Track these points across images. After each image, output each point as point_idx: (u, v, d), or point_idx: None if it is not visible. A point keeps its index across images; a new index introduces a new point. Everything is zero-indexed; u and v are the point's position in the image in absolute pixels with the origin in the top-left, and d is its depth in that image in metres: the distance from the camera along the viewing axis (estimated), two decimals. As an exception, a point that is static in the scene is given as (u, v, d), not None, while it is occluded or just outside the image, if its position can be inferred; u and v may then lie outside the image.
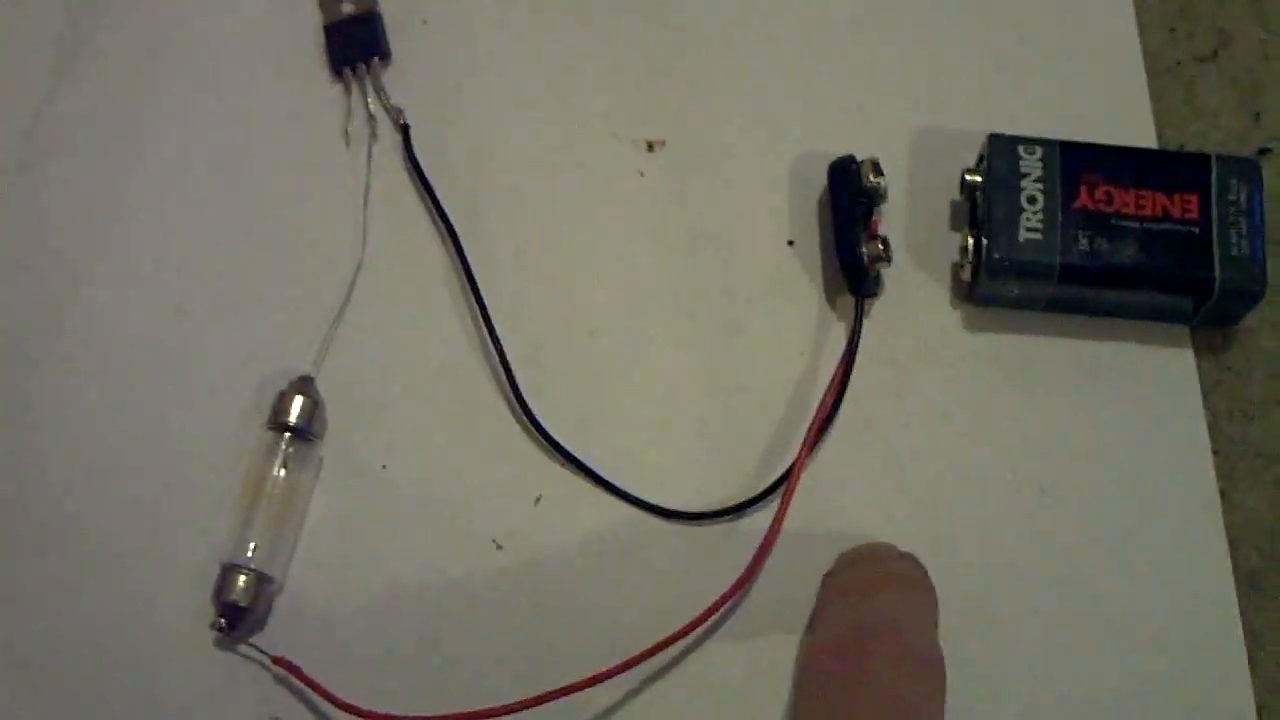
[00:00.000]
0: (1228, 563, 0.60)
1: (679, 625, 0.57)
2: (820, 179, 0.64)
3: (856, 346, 0.61)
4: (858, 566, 0.43)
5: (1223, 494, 0.61)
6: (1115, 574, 0.60)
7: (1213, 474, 0.61)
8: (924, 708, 0.36)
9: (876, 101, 0.67)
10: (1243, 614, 0.59)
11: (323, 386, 0.61)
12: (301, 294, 0.63)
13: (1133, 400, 0.62)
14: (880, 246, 0.61)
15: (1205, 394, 0.62)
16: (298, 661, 0.58)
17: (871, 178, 0.62)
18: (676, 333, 0.63)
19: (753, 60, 0.67)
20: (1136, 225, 0.60)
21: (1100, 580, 0.60)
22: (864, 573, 0.42)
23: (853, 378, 0.61)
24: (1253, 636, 0.59)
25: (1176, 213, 0.61)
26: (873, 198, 0.62)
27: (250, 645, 0.59)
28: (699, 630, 0.57)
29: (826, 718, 0.36)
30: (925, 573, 0.43)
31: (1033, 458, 0.61)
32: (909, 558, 0.45)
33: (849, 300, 0.62)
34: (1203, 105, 0.67)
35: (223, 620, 0.58)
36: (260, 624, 0.59)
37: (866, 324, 0.62)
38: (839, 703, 0.36)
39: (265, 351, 0.63)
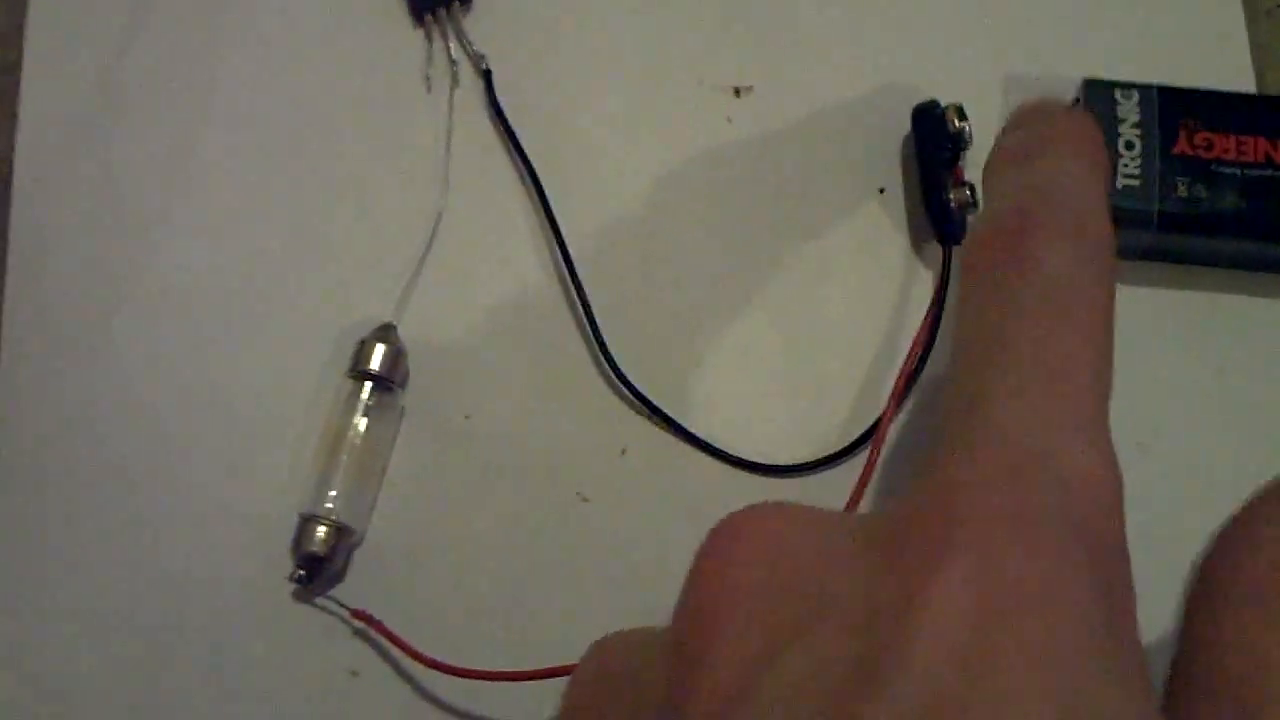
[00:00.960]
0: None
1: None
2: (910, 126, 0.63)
3: (945, 296, 0.60)
4: (1022, 127, 0.40)
5: (1334, 447, 0.59)
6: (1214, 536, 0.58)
7: (1321, 432, 0.60)
8: (1087, 292, 0.33)
9: (969, 45, 0.65)
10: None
11: (405, 335, 0.61)
12: (383, 241, 0.63)
13: (1236, 353, 0.61)
14: (967, 193, 0.60)
15: (1311, 348, 0.61)
16: (378, 616, 0.57)
17: (956, 122, 0.61)
18: (762, 283, 0.62)
19: (841, 4, 0.66)
20: (1237, 172, 0.59)
21: (1201, 540, 0.58)
22: (1026, 135, 0.39)
23: (943, 329, 0.60)
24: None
25: (1280, 159, 0.59)
26: (958, 143, 0.61)
27: (329, 598, 0.58)
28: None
29: (979, 312, 0.33)
30: (1095, 130, 0.39)
31: (1132, 412, 0.60)
32: (1075, 114, 0.41)
33: (938, 250, 0.61)
34: (1304, 49, 0.65)
35: (301, 572, 0.57)
36: (339, 576, 0.59)
37: (956, 274, 0.61)
38: (993, 293, 0.33)
39: (346, 300, 0.62)
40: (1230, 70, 0.65)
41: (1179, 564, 0.57)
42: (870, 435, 0.59)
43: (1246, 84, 0.64)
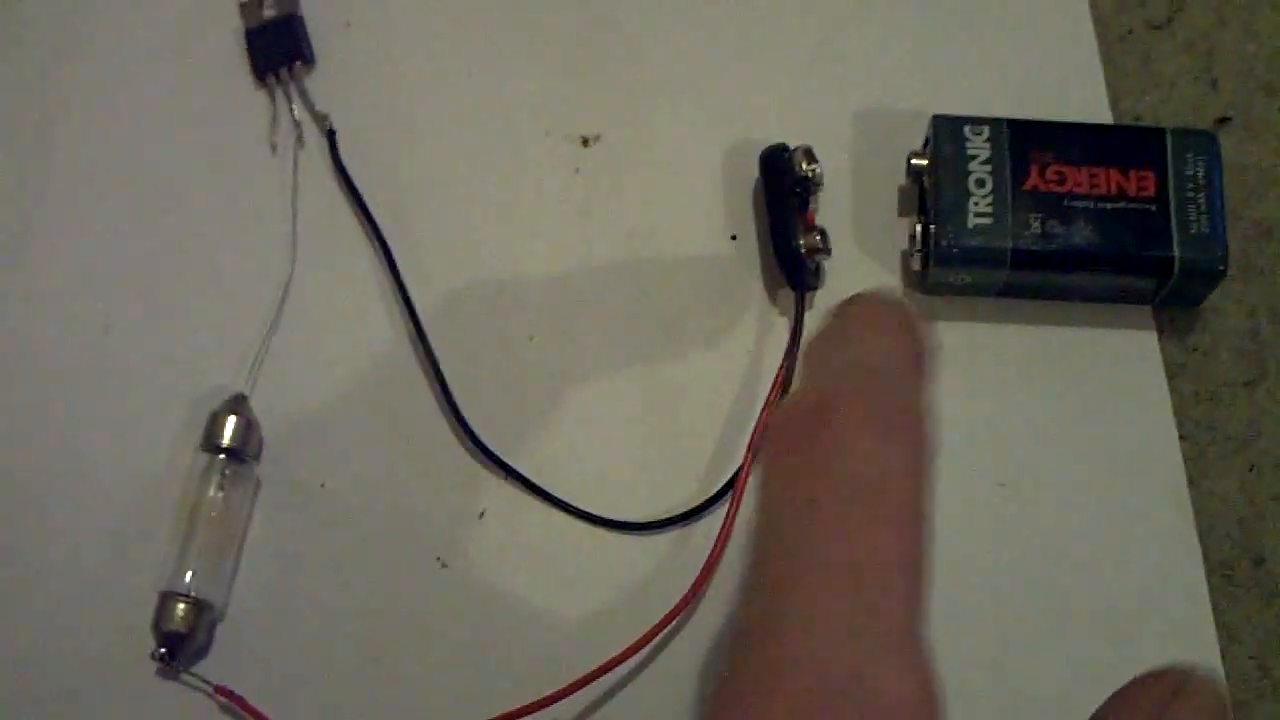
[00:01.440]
0: (1198, 552, 0.58)
1: (631, 639, 0.55)
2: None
3: (799, 342, 0.59)
4: (846, 312, 0.38)
5: (1191, 480, 0.59)
6: (1081, 567, 0.58)
7: (1180, 460, 0.59)
8: (897, 485, 0.31)
9: (817, 86, 0.65)
10: (1214, 606, 0.57)
11: (256, 404, 0.60)
12: (231, 309, 0.62)
13: (1094, 386, 0.60)
14: (818, 237, 0.59)
15: (1170, 377, 0.60)
16: (240, 691, 0.56)
17: (805, 165, 0.60)
18: (616, 336, 0.61)
19: (687, 50, 0.65)
20: (1090, 205, 0.58)
21: (1065, 574, 0.58)
22: (848, 319, 0.37)
23: (796, 378, 0.59)
24: (1225, 629, 0.57)
25: (1132, 190, 0.59)
26: (808, 186, 0.60)
27: (192, 674, 0.57)
28: (651, 644, 0.56)
29: (780, 506, 0.31)
30: (920, 320, 0.38)
31: (991, 450, 0.59)
32: (899, 304, 0.40)
33: (791, 295, 0.60)
34: (1158, 74, 0.64)
35: (163, 650, 0.56)
36: (202, 652, 0.58)
37: (814, 318, 0.60)
38: (795, 484, 0.31)
39: (197, 368, 0.61)
40: (1085, 99, 0.64)
41: (1044, 598, 0.57)
42: (730, 488, 0.58)
43: (1102, 111, 0.64)
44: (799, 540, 0.30)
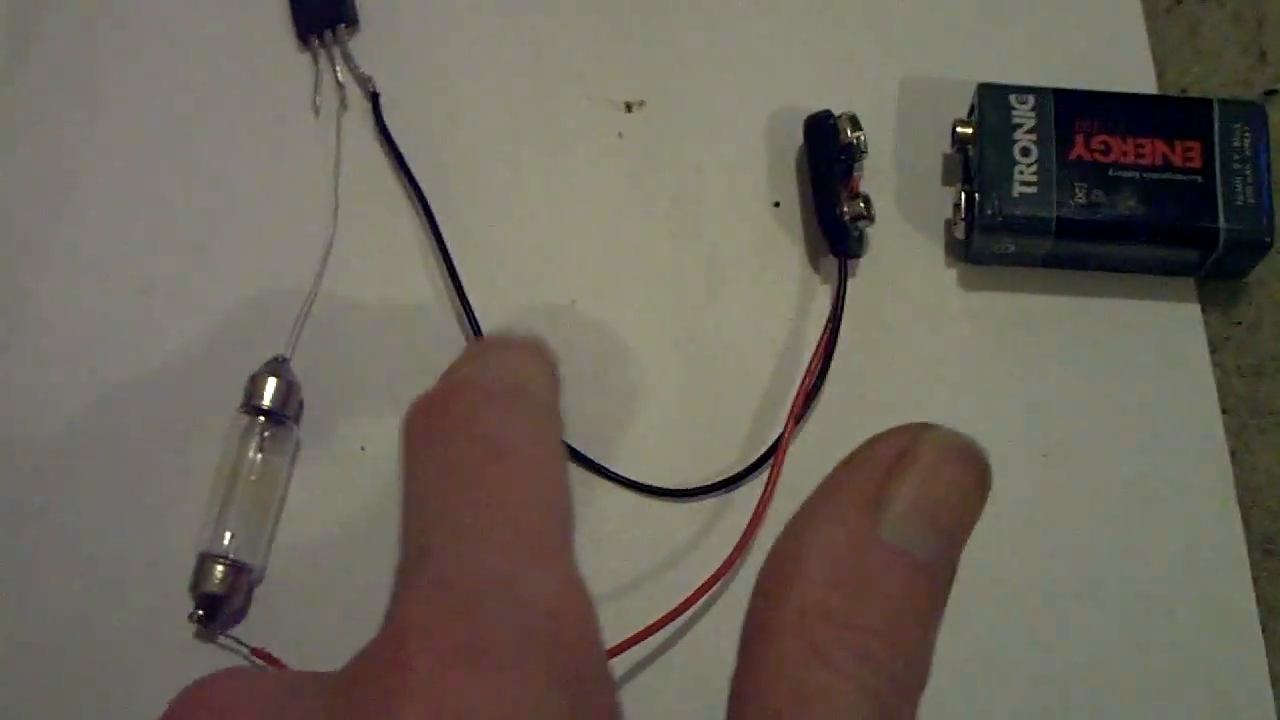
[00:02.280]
0: (1239, 526, 0.58)
1: (672, 605, 0.55)
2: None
3: (842, 310, 0.59)
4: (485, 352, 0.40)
5: (1233, 454, 0.59)
6: (1122, 540, 0.58)
7: (1222, 433, 0.59)
8: (526, 439, 0.32)
9: (863, 53, 0.64)
10: (1256, 580, 0.57)
11: (297, 367, 0.60)
12: (273, 271, 0.62)
13: (1137, 358, 0.60)
14: (861, 204, 0.59)
15: (1213, 350, 0.60)
16: (278, 654, 0.56)
17: (849, 132, 0.60)
18: (658, 301, 0.61)
19: (732, 16, 0.65)
20: (1136, 175, 0.58)
21: (1106, 547, 0.58)
22: (484, 350, 0.39)
23: (842, 343, 0.59)
24: (1266, 604, 0.57)
25: (1178, 161, 0.58)
26: (852, 154, 0.60)
27: (229, 637, 0.57)
28: (692, 610, 0.56)
29: (420, 474, 0.32)
30: (546, 349, 0.39)
31: (1034, 421, 0.59)
32: (531, 341, 0.41)
33: (834, 262, 0.60)
34: (1205, 46, 0.64)
35: (200, 612, 0.56)
36: (240, 615, 0.58)
37: (856, 287, 0.60)
38: (430, 452, 0.32)
39: (236, 332, 0.61)
40: (1131, 70, 0.64)
41: (1084, 570, 0.57)
42: (770, 455, 0.58)
43: (1147, 83, 0.63)
44: (443, 488, 0.31)
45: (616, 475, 0.59)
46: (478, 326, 0.60)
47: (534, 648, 0.27)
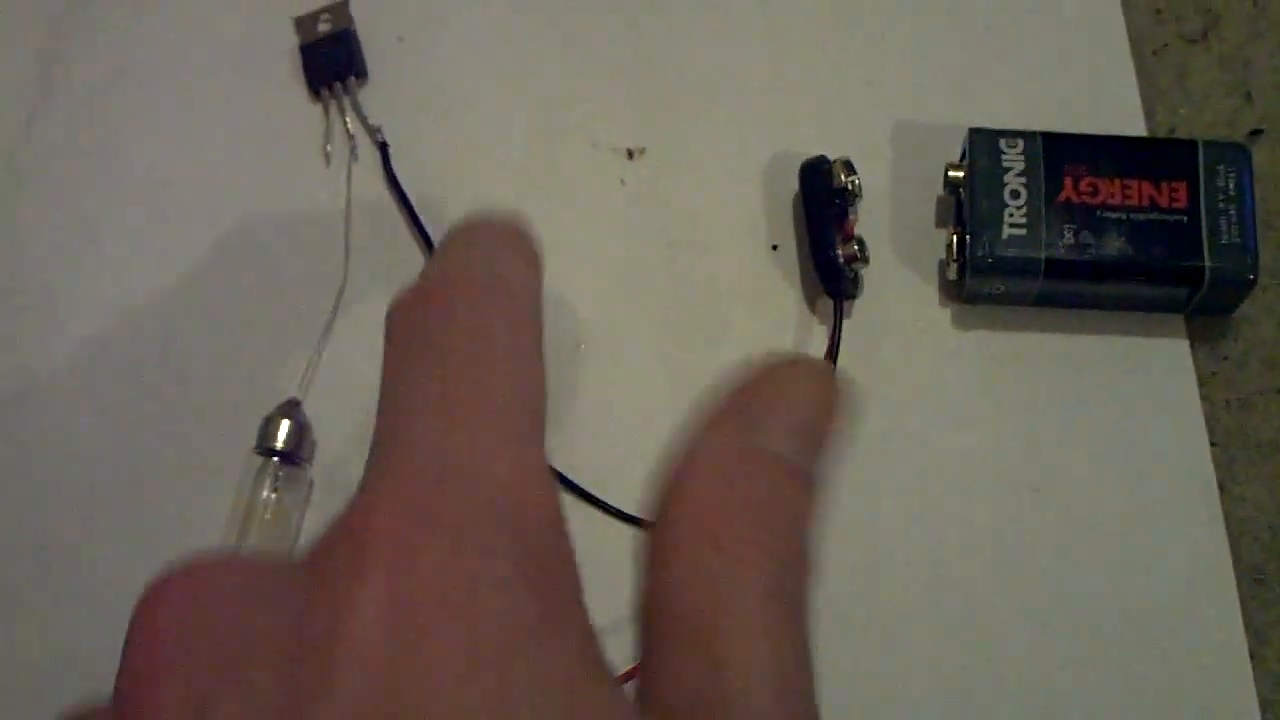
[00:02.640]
0: (1228, 557, 0.59)
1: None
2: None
3: (838, 349, 0.60)
4: (447, 236, 0.42)
5: (1221, 486, 0.60)
6: (1112, 571, 0.59)
7: (1211, 465, 0.60)
8: (501, 333, 0.33)
9: (857, 99, 0.66)
10: (1244, 609, 0.58)
11: (310, 409, 0.61)
12: (287, 315, 0.63)
13: (1127, 393, 0.61)
14: (856, 247, 0.60)
15: (1201, 384, 0.61)
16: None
17: (844, 177, 0.61)
18: (661, 343, 0.62)
19: (731, 64, 0.67)
20: (1123, 216, 0.59)
21: (1097, 578, 0.59)
22: (464, 231, 0.41)
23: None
24: (1255, 633, 0.58)
25: (1164, 202, 0.60)
26: (847, 198, 0.61)
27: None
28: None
29: (395, 366, 0.34)
30: (526, 227, 0.41)
31: (1025, 455, 0.60)
32: (511, 220, 0.43)
33: (830, 304, 0.61)
34: (1192, 87, 0.66)
35: (217, 649, 0.57)
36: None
37: (852, 326, 0.61)
38: (407, 345, 0.34)
39: (251, 375, 0.62)
40: (1120, 112, 0.65)
41: (1075, 600, 0.58)
42: (768, 492, 0.59)
43: (1136, 125, 0.65)
44: (416, 378, 0.33)
45: (620, 511, 0.60)
46: (485, 369, 0.61)
47: (493, 522, 0.28)
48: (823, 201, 0.61)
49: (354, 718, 0.26)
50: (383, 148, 0.65)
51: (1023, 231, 0.59)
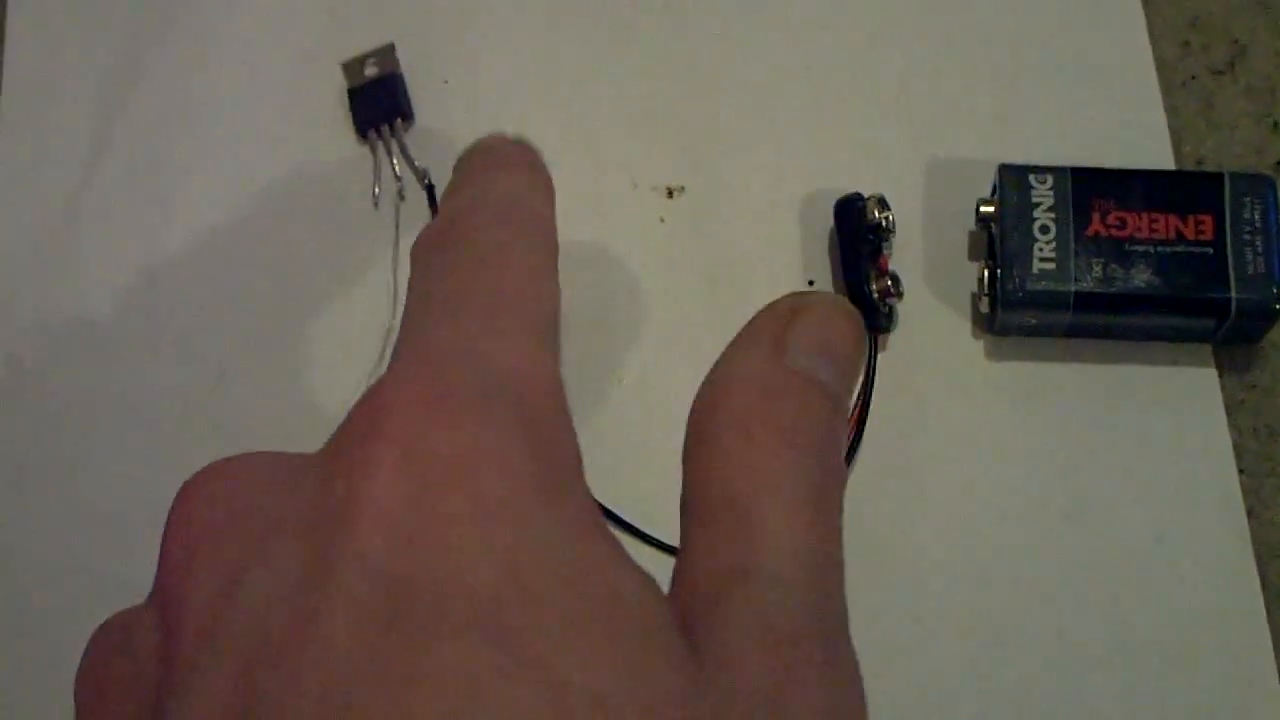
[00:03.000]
0: (1256, 583, 0.60)
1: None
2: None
3: (873, 382, 0.62)
4: (476, 154, 0.46)
5: (1250, 512, 0.61)
6: (1141, 597, 0.60)
7: (1239, 492, 0.61)
8: (516, 250, 0.38)
9: (890, 137, 0.67)
10: (1273, 634, 0.59)
11: (361, 446, 0.62)
12: (336, 355, 0.65)
13: (1156, 421, 0.62)
14: (890, 282, 0.62)
15: (1229, 412, 0.62)
16: None
17: (877, 213, 0.63)
18: (700, 377, 0.63)
19: (767, 104, 0.68)
20: (1150, 249, 0.61)
21: (1126, 603, 0.60)
22: (479, 158, 0.46)
23: (873, 413, 0.62)
24: (1283, 656, 0.59)
25: (1190, 234, 0.61)
26: (880, 233, 0.63)
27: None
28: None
29: (419, 282, 0.38)
30: (535, 153, 0.46)
31: (1056, 483, 0.62)
32: (520, 143, 0.47)
33: (865, 338, 0.63)
34: (1220, 119, 0.67)
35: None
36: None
37: (886, 359, 0.63)
38: (430, 263, 0.38)
39: (301, 416, 0.64)
40: (1149, 144, 0.66)
41: (1105, 626, 0.59)
42: (807, 523, 0.60)
43: (1165, 156, 0.66)
44: (435, 286, 0.36)
45: (661, 543, 0.61)
46: (530, 404, 0.62)
47: (498, 400, 0.31)
48: (857, 237, 0.63)
49: (375, 574, 0.28)
50: (429, 189, 0.67)
51: (1052, 265, 0.61)
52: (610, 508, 0.61)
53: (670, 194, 0.67)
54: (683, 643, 0.30)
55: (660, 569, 0.59)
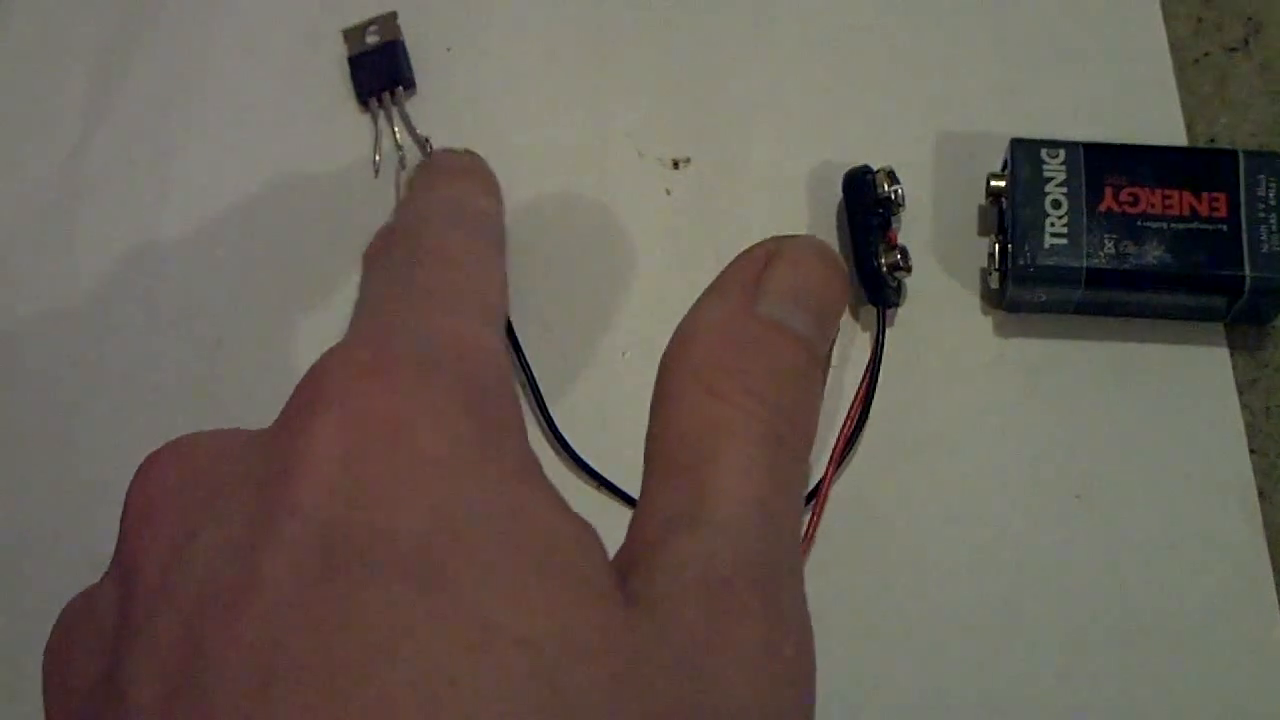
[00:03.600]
0: (1268, 564, 0.59)
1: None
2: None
3: (880, 358, 0.61)
4: (419, 169, 0.49)
5: (1261, 493, 0.60)
6: (1151, 578, 0.59)
7: (1251, 473, 0.60)
8: (462, 245, 0.40)
9: (900, 109, 0.67)
10: (1283, 616, 0.59)
11: (359, 416, 0.62)
12: (336, 325, 0.63)
13: (1167, 400, 0.62)
14: (899, 256, 0.61)
15: (1241, 392, 0.62)
16: None
17: (887, 186, 0.62)
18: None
19: (775, 75, 0.67)
20: (1163, 226, 0.60)
21: (1136, 585, 0.59)
22: (431, 172, 0.49)
23: (881, 390, 0.61)
24: (1293, 639, 0.58)
25: (1204, 211, 0.60)
26: (890, 207, 0.62)
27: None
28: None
29: (372, 280, 0.40)
30: (482, 163, 0.50)
31: (1067, 462, 0.61)
32: (468, 154, 0.48)
33: (873, 311, 0.62)
34: (1233, 96, 0.66)
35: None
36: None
37: (895, 335, 0.62)
38: (383, 261, 0.40)
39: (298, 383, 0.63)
40: (1161, 122, 0.65)
41: (1115, 608, 0.59)
42: (811, 499, 0.60)
43: (1177, 134, 0.65)
44: (387, 279, 0.38)
45: (666, 519, 0.61)
46: (532, 376, 0.62)
47: (437, 369, 0.32)
48: (866, 210, 0.62)
49: (312, 526, 0.29)
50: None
51: (1064, 241, 0.60)
52: (611, 480, 0.61)
53: (676, 165, 0.66)
54: (614, 586, 0.31)
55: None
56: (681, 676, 0.30)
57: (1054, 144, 0.61)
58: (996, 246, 0.61)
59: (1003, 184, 0.62)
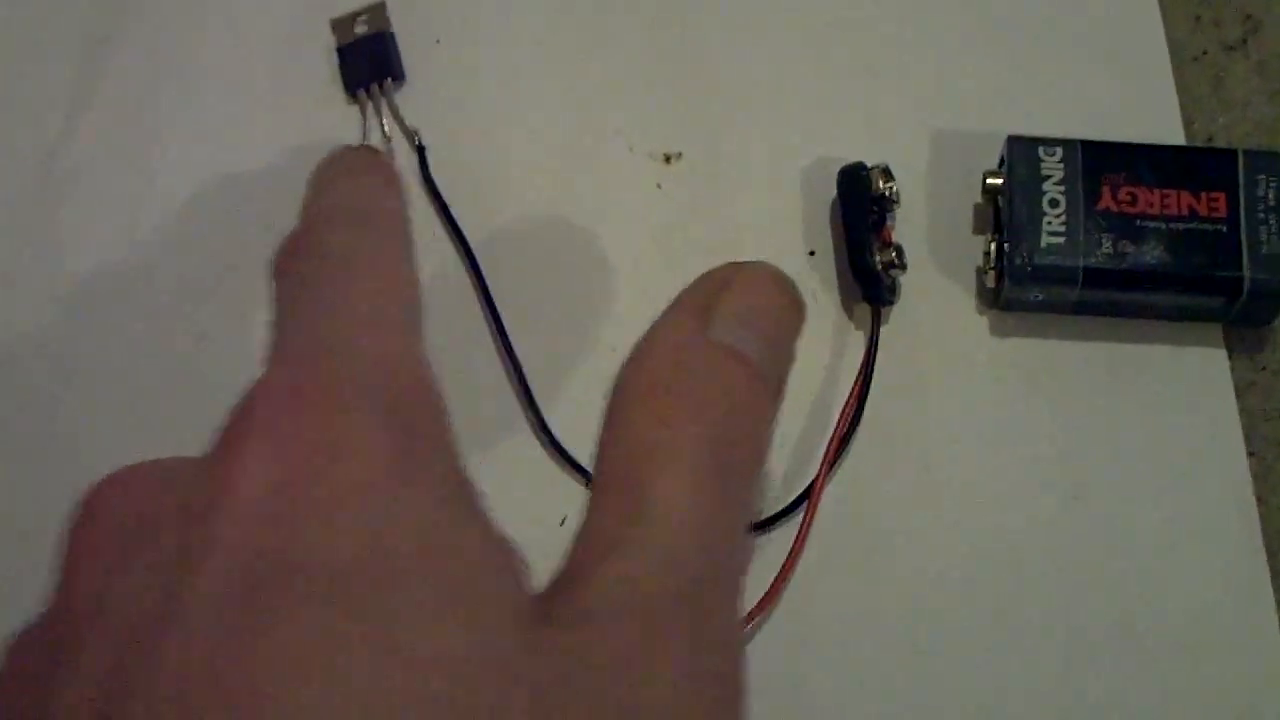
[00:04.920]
0: (1264, 567, 0.59)
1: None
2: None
3: (874, 356, 0.60)
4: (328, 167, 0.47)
5: (1259, 497, 0.60)
6: (1147, 581, 0.59)
7: (1248, 475, 0.60)
8: (369, 252, 0.40)
9: (896, 106, 0.66)
10: (1280, 621, 0.58)
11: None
12: (322, 319, 0.63)
13: (1164, 402, 0.61)
14: (894, 253, 0.60)
15: (1239, 395, 0.61)
16: None
17: (882, 183, 0.61)
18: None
19: (769, 70, 0.67)
20: (1162, 226, 0.59)
21: (1132, 588, 0.59)
22: (329, 168, 0.46)
23: (876, 389, 0.60)
24: (1291, 644, 0.58)
25: (1203, 211, 0.59)
26: (884, 204, 0.61)
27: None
28: (726, 650, 0.57)
29: (281, 296, 0.40)
30: (380, 156, 0.48)
31: (1062, 463, 0.60)
32: (364, 149, 0.48)
33: (867, 310, 0.61)
34: (1231, 95, 0.65)
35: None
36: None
37: (890, 333, 0.61)
38: (294, 277, 0.40)
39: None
40: (1159, 120, 0.65)
41: (1111, 610, 0.58)
42: (804, 499, 0.59)
43: (1176, 133, 0.65)
44: (297, 294, 0.38)
45: (652, 514, 0.60)
46: (521, 371, 0.61)
47: (361, 390, 0.32)
48: (861, 207, 0.61)
49: (237, 556, 0.29)
50: (420, 151, 0.65)
51: (1061, 240, 0.59)
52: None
53: (668, 160, 0.65)
54: (535, 606, 0.31)
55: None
56: (605, 695, 0.30)
57: (1051, 142, 0.61)
58: (993, 245, 0.61)
59: (999, 182, 0.61)
